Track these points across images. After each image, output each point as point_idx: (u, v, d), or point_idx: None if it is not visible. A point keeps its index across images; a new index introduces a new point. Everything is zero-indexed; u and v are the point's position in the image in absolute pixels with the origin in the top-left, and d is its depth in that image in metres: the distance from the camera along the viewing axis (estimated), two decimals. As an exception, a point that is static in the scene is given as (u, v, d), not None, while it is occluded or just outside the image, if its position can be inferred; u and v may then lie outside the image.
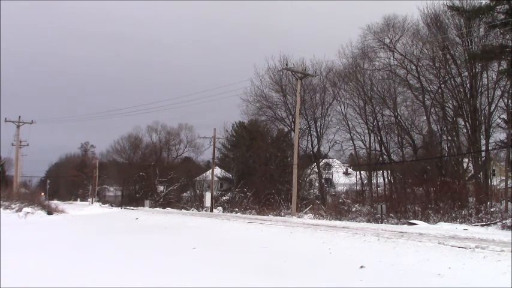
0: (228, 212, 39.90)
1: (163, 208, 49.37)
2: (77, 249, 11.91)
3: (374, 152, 38.73)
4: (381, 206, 24.50)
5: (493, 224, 19.86)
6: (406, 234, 13.80)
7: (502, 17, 23.18)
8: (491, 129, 28.62)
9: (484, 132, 28.68)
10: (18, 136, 47.25)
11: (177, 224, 21.08)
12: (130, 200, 67.96)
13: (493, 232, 16.01)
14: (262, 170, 43.88)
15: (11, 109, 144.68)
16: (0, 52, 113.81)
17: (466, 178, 30.21)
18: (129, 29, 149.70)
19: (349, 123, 38.43)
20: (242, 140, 50.49)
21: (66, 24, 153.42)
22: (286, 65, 33.34)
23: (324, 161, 45.54)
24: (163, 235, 15.98)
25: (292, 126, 38.69)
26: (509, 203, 23.30)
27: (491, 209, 22.64)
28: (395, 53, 33.84)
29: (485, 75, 29.02)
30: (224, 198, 49.22)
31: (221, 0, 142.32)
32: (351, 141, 39.24)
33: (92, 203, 64.03)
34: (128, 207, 52.52)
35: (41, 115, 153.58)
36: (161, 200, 59.90)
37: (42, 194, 78.26)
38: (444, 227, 18.20)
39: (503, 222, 19.55)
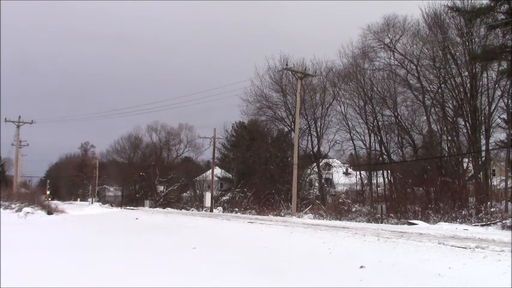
0: (228, 212, 39.89)
1: (163, 208, 49.38)
2: (77, 249, 11.91)
3: (374, 152, 38.76)
4: (381, 206, 24.51)
5: (493, 224, 19.85)
6: (406, 234, 13.80)
7: (503, 17, 23.19)
8: (491, 129, 28.62)
9: (484, 132, 28.67)
10: (18, 136, 47.35)
11: (177, 224, 21.06)
12: (130, 200, 67.97)
13: (493, 232, 16.00)
14: (262, 170, 43.88)
15: (11, 109, 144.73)
16: (0, 52, 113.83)
17: (466, 178, 30.21)
18: (129, 29, 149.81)
19: (349, 123, 38.53)
20: (242, 140, 50.51)
21: (66, 25, 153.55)
22: (287, 64, 33.36)
23: (324, 161, 45.55)
24: (163, 235, 15.96)
25: (292, 126, 38.70)
26: (509, 203, 23.30)
27: (491, 209, 22.62)
28: (395, 53, 33.92)
29: (485, 75, 29.05)
30: (224, 198, 49.21)
31: (221, 0, 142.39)
32: (351, 141, 39.34)
33: (92, 203, 64.03)
34: (128, 207, 52.52)
35: (41, 115, 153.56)
36: (161, 200, 59.89)
37: (48, 192, 78.30)
38: (444, 227, 18.20)
39: (503, 222, 19.54)
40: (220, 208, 43.75)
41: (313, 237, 13.44)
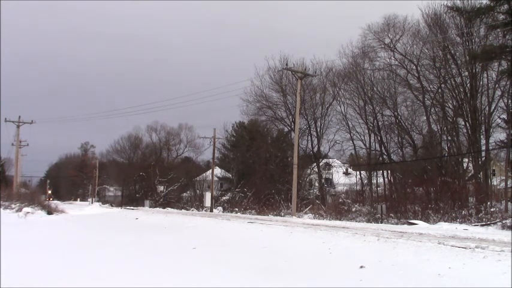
0: (228, 212, 39.89)
1: (163, 208, 49.38)
2: (77, 249, 11.90)
3: (374, 152, 38.76)
4: (381, 206, 24.50)
5: (493, 224, 19.85)
6: (406, 234, 13.80)
7: (502, 17, 23.20)
8: (491, 129, 28.62)
9: (484, 132, 28.66)
10: (18, 136, 47.28)
11: (177, 224, 21.06)
12: (130, 200, 67.97)
13: (493, 232, 16.00)
14: (262, 170, 43.87)
15: (11, 109, 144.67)
16: (0, 52, 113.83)
17: (466, 178, 30.20)
18: (129, 29, 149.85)
19: (349, 123, 38.55)
20: (242, 140, 50.51)
21: (67, 24, 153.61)
22: (286, 64, 33.34)
23: (324, 161, 45.55)
24: (163, 235, 15.96)
25: (292, 126, 38.69)
26: (509, 203, 23.31)
27: (491, 209, 22.63)
28: (395, 53, 33.91)
29: (485, 75, 29.04)
30: (224, 198, 49.20)
31: (222, 1, 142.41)
32: (351, 141, 39.35)
33: (92, 203, 64.05)
34: (128, 207, 52.53)
35: (41, 115, 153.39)
36: (161, 200, 59.89)
37: (50, 191, 78.16)
38: (444, 227, 18.19)
39: (503, 222, 19.54)
40: (220, 208, 43.74)
41: (313, 237, 13.44)
